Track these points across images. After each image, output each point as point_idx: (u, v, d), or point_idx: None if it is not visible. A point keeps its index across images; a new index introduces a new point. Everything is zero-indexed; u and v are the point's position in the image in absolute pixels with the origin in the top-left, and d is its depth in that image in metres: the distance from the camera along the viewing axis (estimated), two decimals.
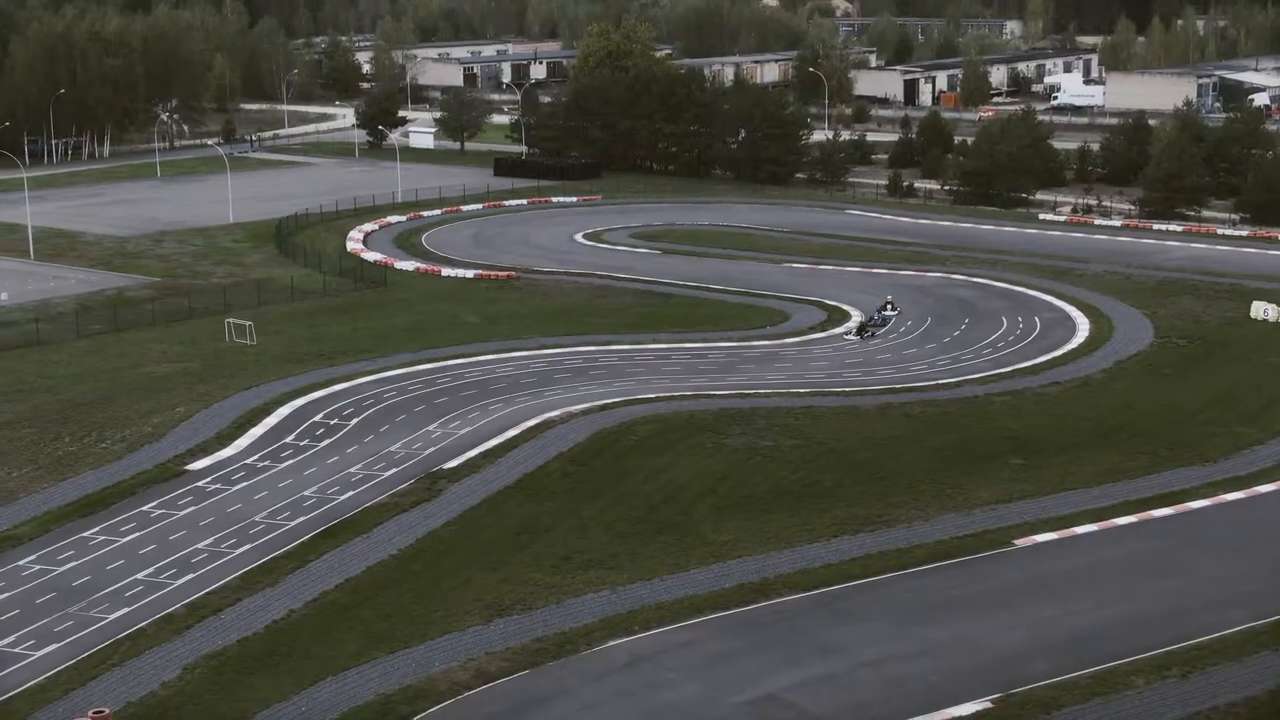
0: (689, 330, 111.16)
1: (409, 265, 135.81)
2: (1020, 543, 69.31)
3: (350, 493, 76.46)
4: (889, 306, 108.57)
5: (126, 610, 62.79)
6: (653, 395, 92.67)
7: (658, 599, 63.14)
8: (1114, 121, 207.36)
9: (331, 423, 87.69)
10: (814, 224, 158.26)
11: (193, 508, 74.55)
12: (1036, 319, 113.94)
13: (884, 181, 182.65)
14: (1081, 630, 60.51)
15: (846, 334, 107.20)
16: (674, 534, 70.37)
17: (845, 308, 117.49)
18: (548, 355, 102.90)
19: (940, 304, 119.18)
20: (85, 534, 71.26)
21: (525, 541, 69.77)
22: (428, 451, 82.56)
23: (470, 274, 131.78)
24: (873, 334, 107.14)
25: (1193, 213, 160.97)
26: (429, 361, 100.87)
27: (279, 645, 59.76)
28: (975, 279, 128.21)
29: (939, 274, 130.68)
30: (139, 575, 66.35)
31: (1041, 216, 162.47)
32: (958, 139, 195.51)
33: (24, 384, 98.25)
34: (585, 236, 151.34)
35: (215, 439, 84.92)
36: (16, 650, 59.39)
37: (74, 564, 67.63)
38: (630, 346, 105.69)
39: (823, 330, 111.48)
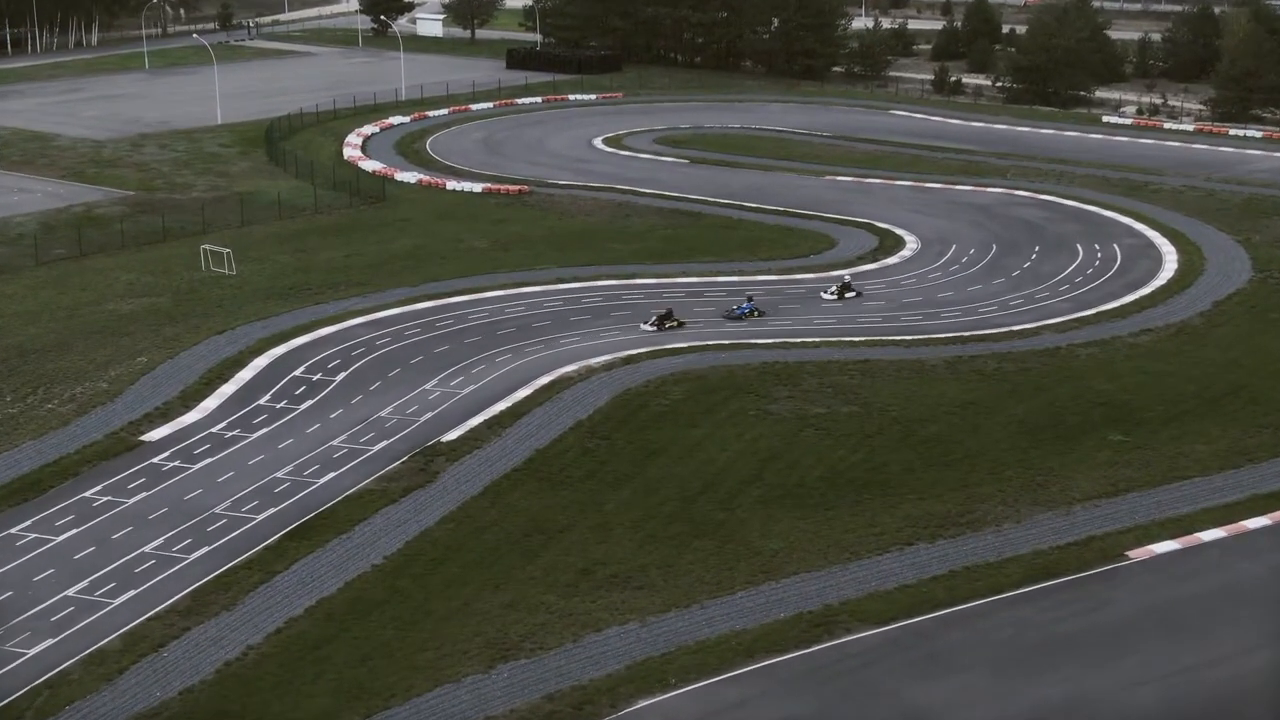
0: (722, 259, 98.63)
1: (411, 176, 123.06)
2: (1135, 555, 57.31)
3: (331, 474, 64.63)
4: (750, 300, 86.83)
5: (50, 643, 51.16)
6: (683, 344, 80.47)
7: (697, 634, 51.34)
8: (1176, 8, 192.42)
9: (314, 378, 75.71)
10: (856, 127, 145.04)
11: (144, 494, 62.81)
12: (1116, 247, 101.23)
13: (928, 76, 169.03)
14: (1229, 690, 48.65)
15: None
16: (714, 538, 58.50)
17: (898, 232, 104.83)
18: (563, 291, 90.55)
19: (1005, 228, 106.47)
20: (13, 530, 59.55)
21: (536, 547, 57.98)
22: (424, 418, 70.63)
23: (478, 188, 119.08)
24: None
25: (1269, 114, 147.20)
26: (429, 298, 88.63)
27: (229, 702, 48.13)
28: (1041, 196, 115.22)
29: (1000, 189, 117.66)
30: (70, 591, 54.72)
31: (1105, 119, 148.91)
32: (1006, 28, 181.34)
33: None
34: (605, 141, 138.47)
35: (179, 399, 73.00)
36: None
37: None
38: (656, 281, 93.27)
39: (874, 260, 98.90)
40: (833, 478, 63.96)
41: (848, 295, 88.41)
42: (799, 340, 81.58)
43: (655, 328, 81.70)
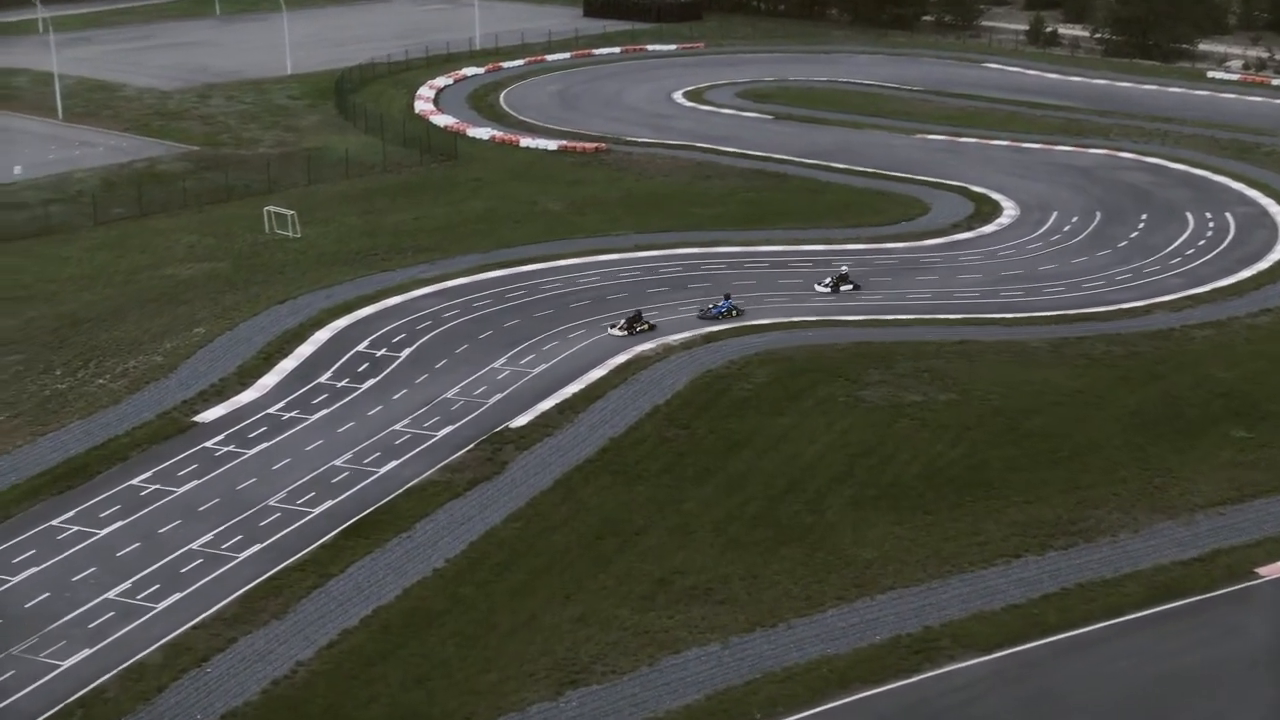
0: (809, 225, 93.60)
1: (484, 133, 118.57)
2: (1265, 573, 52.18)
3: (392, 463, 60.60)
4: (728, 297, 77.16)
5: (86, 654, 47.47)
6: (767, 321, 75.72)
7: (785, 660, 46.84)
8: None
9: (378, 355, 71.67)
10: (948, 81, 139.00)
11: (194, 483, 59.04)
12: (1228, 216, 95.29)
13: (1023, 27, 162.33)
14: None
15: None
16: (802, 544, 53.91)
17: (995, 197, 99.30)
18: (641, 260, 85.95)
19: (1109, 193, 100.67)
20: (56, 521, 55.98)
21: (610, 551, 53.65)
22: (492, 400, 66.44)
23: (553, 145, 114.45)
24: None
25: None
26: (500, 266, 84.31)
27: None
28: (1146, 158, 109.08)
29: (1103, 150, 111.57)
30: (111, 593, 51.01)
31: (1210, 74, 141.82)
32: None
33: (22, 288, 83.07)
34: (685, 95, 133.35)
35: (236, 376, 69.18)
36: None
37: (32, 571, 52.36)
38: (739, 249, 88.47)
39: (969, 228, 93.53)
40: (930, 476, 59.15)
41: (844, 288, 79.87)
42: (891, 317, 76.65)
43: (625, 331, 73.19)
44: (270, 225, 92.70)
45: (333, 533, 54.95)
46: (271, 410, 65.79)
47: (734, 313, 75.75)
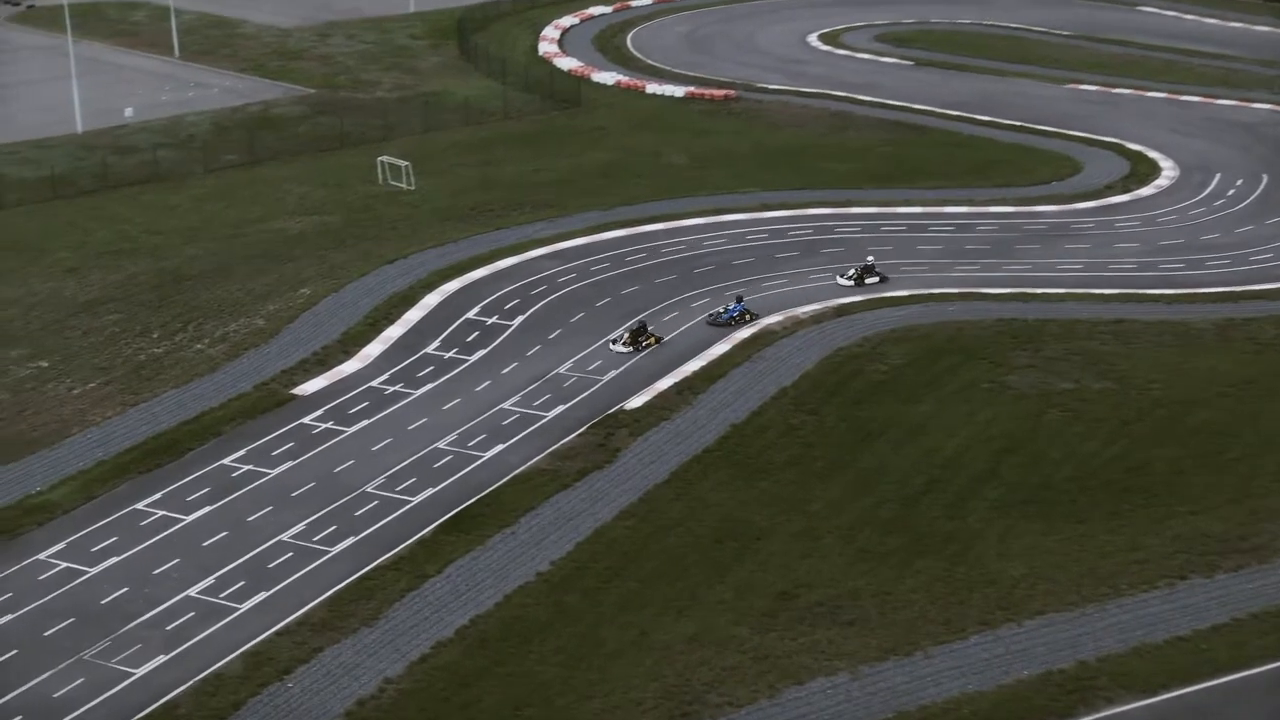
0: (951, 185, 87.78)
1: (609, 77, 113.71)
2: None
3: (499, 446, 56.55)
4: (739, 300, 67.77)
5: (161, 661, 44.03)
6: (904, 293, 70.48)
7: (923, 697, 42.05)
8: None
9: (488, 323, 67.64)
10: (1100, 25, 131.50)
11: (289, 464, 55.47)
12: None
13: None
14: None
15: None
16: (941, 556, 48.93)
17: (1152, 155, 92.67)
18: (769, 221, 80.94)
19: (1276, 153, 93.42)
20: (141, 504, 52.71)
21: (728, 558, 49.11)
22: (607, 377, 62.16)
23: (680, 91, 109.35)
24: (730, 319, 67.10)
25: None
26: (621, 225, 79.78)
27: None
28: None
29: (1268, 106, 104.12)
30: (193, 590, 47.55)
31: None
32: None
33: (127, 240, 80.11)
34: (820, 38, 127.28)
35: (339, 344, 65.54)
36: None
37: (112, 562, 49.08)
38: (875, 210, 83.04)
39: (1125, 190, 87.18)
40: (1084, 478, 53.79)
41: (869, 281, 70.92)
42: (1040, 291, 70.96)
43: (630, 347, 64.10)
44: (384, 176, 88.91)
45: (432, 526, 51.05)
46: (374, 383, 62.04)
47: (747, 316, 66.54)
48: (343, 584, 47.73)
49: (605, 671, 43.23)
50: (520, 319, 67.95)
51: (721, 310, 67.31)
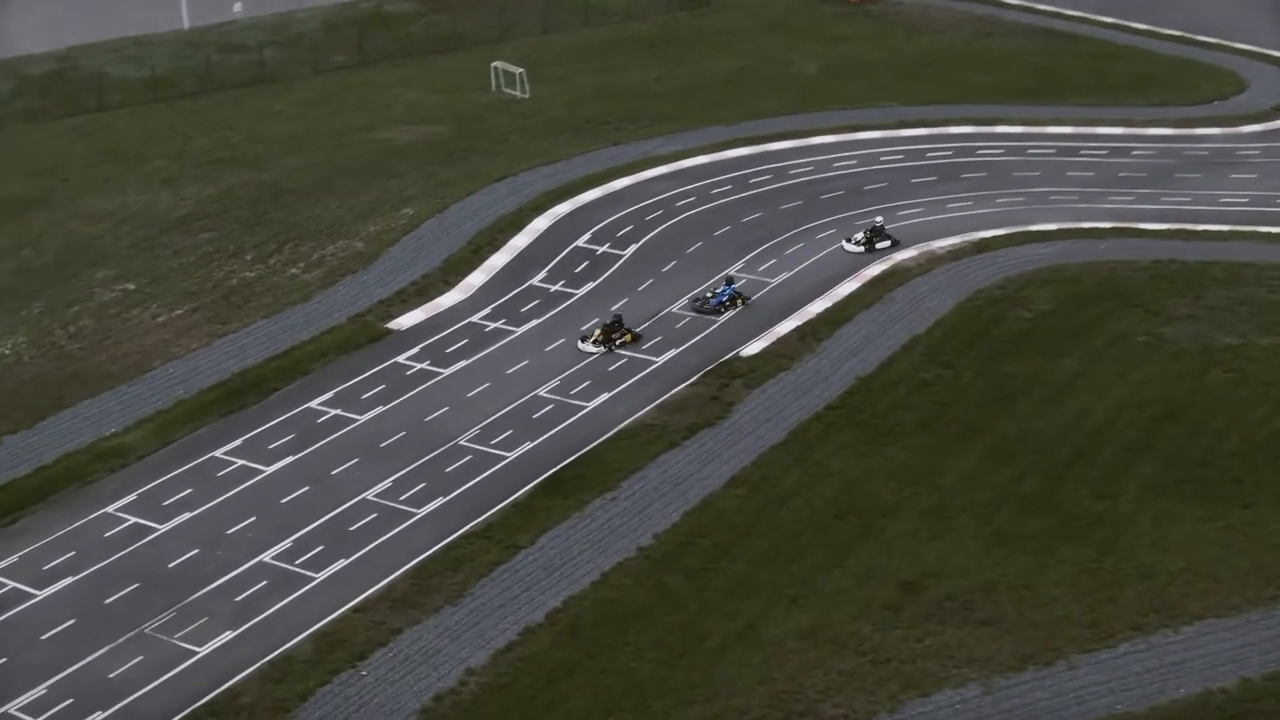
0: (1104, 102, 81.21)
1: None
2: None
3: (604, 394, 52.30)
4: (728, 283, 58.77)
5: (228, 638, 40.58)
6: (1052, 226, 64.77)
7: (1063, 716, 37.36)
8: None
9: (599, 251, 63.23)
10: None
11: (379, 409, 51.74)
12: None
13: None
14: None
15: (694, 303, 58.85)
16: (1088, 543, 43.81)
17: None
18: (905, 140, 75.24)
19: None
20: (219, 451, 49.32)
21: (849, 537, 44.49)
22: (724, 317, 57.56)
23: None
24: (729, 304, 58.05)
25: None
26: (745, 143, 74.65)
27: None
28: None
29: None
30: (268, 555, 44.04)
31: None
32: None
33: (226, 149, 76.47)
34: None
35: (440, 272, 61.57)
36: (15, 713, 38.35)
37: (184, 519, 45.72)
38: (1022, 129, 76.87)
39: None
40: (1250, 452, 48.23)
41: (879, 246, 62.22)
42: (1201, 228, 64.87)
43: (602, 346, 54.78)
44: (497, 83, 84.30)
45: (527, 487, 47.00)
46: (475, 318, 58.01)
47: (739, 301, 57.51)
48: (428, 553, 43.89)
49: (707, 671, 38.98)
50: (633, 248, 63.42)
51: (709, 294, 58.03)
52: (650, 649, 39.83)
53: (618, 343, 55.09)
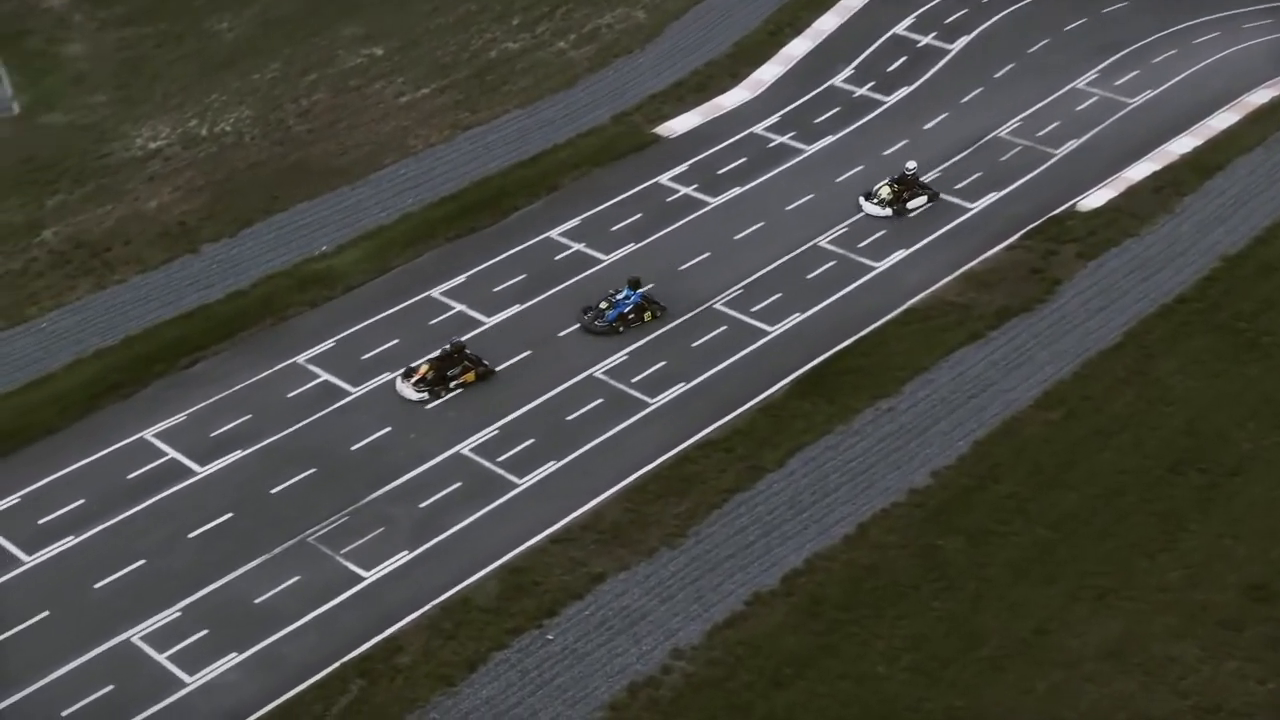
0: None
1: None
2: None
3: (898, 252, 42.91)
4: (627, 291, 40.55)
5: (402, 560, 33.60)
6: None
7: None
8: None
9: (920, 44, 52.90)
10: None
11: (630, 247, 43.47)
12: None
13: None
14: None
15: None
16: None
17: None
18: None
19: None
20: (434, 292, 42.14)
21: (1185, 502, 34.45)
22: (1062, 151, 46.94)
23: None
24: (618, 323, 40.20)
25: None
26: None
27: None
28: None
29: None
30: (463, 447, 36.66)
31: None
32: None
33: None
34: None
35: (727, 61, 52.39)
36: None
37: (377, 383, 38.72)
38: None
39: None
40: None
41: (912, 205, 43.78)
42: None
43: (422, 392, 37.86)
44: None
45: (782, 383, 38.29)
46: (759, 128, 48.74)
47: (648, 313, 40.20)
48: (652, 465, 35.91)
49: (973, 695, 30.32)
50: (963, 41, 52.54)
51: (603, 304, 40.47)
52: (907, 650, 31.29)
53: (451, 382, 38.17)
